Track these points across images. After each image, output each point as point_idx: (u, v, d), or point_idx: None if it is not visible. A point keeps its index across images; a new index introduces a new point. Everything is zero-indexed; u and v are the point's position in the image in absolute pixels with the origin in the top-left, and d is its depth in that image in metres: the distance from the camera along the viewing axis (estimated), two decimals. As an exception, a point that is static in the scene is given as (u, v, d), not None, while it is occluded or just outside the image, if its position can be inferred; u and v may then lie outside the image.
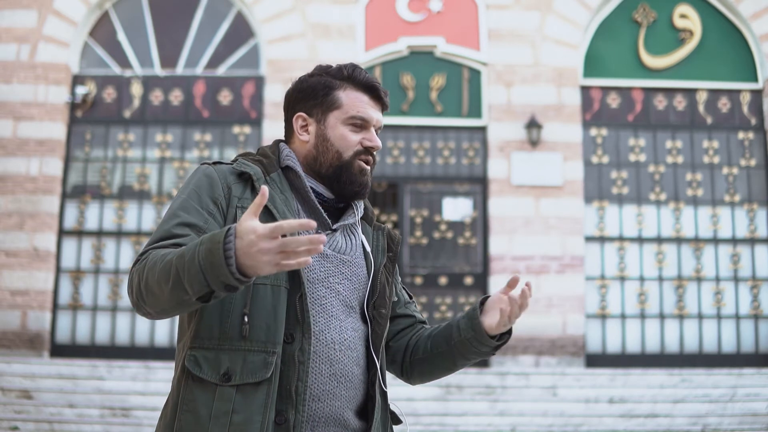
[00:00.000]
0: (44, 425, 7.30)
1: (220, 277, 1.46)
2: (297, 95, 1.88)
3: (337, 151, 1.82)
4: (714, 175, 10.17)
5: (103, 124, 10.16)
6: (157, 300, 1.59)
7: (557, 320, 9.56)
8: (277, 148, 1.88)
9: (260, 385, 1.62)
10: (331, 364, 1.70)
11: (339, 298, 1.75)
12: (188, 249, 1.52)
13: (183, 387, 1.66)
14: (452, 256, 9.98)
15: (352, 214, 1.86)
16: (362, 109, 1.85)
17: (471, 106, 10.18)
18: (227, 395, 1.61)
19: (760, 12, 10.18)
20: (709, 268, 9.94)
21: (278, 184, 1.79)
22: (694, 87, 10.26)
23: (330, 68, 1.87)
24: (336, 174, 1.81)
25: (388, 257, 1.89)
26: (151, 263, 1.59)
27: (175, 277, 1.52)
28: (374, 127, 1.89)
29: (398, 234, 1.97)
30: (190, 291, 1.51)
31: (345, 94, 1.84)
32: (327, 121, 1.83)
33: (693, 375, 8.92)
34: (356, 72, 1.85)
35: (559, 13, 10.20)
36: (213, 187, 1.72)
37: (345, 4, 10.21)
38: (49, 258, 9.61)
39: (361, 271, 1.82)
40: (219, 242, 1.46)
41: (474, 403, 8.26)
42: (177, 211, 1.69)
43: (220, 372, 1.63)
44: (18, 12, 10.03)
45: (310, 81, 1.87)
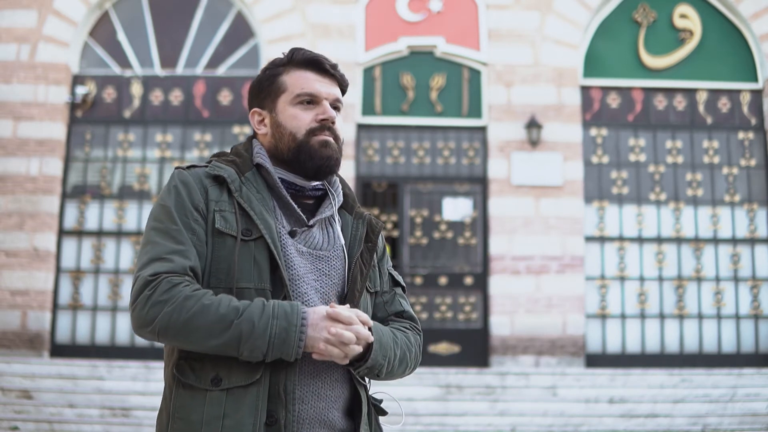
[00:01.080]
0: (44, 425, 7.30)
1: (283, 352, 1.61)
2: (250, 94, 1.90)
3: (291, 133, 1.80)
4: (714, 175, 10.17)
5: (103, 124, 10.16)
6: (188, 343, 1.63)
7: (557, 320, 9.55)
8: (250, 145, 1.88)
9: (250, 388, 1.63)
10: (314, 364, 1.70)
11: (319, 294, 1.75)
12: (256, 315, 1.60)
13: (174, 395, 1.67)
14: (452, 256, 9.98)
15: (330, 205, 1.85)
16: (307, 85, 1.82)
17: (471, 106, 10.18)
18: (217, 400, 1.62)
19: (760, 12, 10.18)
20: (709, 268, 9.94)
21: (254, 183, 1.79)
22: (694, 87, 10.26)
23: (275, 59, 1.88)
24: (296, 155, 1.80)
25: (365, 247, 1.87)
26: (185, 303, 1.60)
27: (233, 338, 1.59)
28: (327, 101, 1.83)
29: (380, 222, 1.95)
30: (245, 353, 1.60)
31: (289, 77, 1.83)
32: (277, 108, 1.83)
33: (693, 375, 8.92)
34: (296, 53, 1.83)
35: (559, 13, 10.20)
36: (192, 194, 1.73)
37: (345, 4, 10.21)
38: (49, 258, 9.61)
39: (340, 264, 1.81)
40: (295, 325, 1.61)
41: (474, 403, 8.26)
42: (167, 226, 1.70)
43: (209, 377, 1.64)
44: (18, 12, 10.03)
45: (258, 77, 1.88)
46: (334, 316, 1.63)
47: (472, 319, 9.81)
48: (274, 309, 1.61)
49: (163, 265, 1.64)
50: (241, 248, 1.69)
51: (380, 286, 1.94)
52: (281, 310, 1.62)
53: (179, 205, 1.72)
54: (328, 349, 1.62)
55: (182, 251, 1.67)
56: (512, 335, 9.55)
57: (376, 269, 1.93)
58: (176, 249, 1.67)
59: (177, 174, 1.78)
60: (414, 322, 1.95)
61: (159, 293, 1.61)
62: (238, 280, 1.68)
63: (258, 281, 1.68)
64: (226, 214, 1.72)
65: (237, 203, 1.73)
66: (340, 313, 1.64)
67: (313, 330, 1.62)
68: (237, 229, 1.70)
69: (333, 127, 1.82)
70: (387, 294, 1.95)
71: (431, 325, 9.75)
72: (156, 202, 1.77)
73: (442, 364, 9.46)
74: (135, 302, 1.64)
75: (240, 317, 1.59)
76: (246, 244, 1.70)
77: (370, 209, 10.05)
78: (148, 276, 1.63)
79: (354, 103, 10.02)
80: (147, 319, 1.62)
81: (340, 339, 1.62)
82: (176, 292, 1.61)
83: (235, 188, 1.75)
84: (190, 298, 1.61)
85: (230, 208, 1.73)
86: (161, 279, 1.63)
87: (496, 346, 9.52)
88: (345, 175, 9.83)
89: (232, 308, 1.60)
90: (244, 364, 1.63)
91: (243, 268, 1.68)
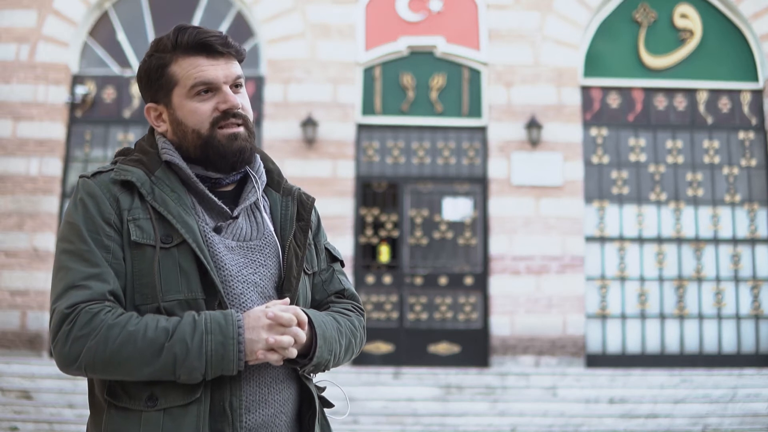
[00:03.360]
0: (44, 425, 7.29)
1: (224, 369, 1.49)
2: (140, 87, 1.70)
3: (193, 130, 1.62)
4: (714, 175, 10.16)
5: (102, 124, 10.16)
6: (119, 375, 1.49)
7: (557, 320, 9.55)
8: (154, 140, 1.69)
9: (190, 407, 1.50)
10: (258, 370, 1.58)
11: (256, 290, 1.61)
12: (188, 334, 1.47)
13: (106, 419, 1.53)
14: (452, 256, 9.97)
15: (252, 190, 1.68)
16: (199, 74, 1.61)
17: (471, 106, 10.17)
18: (154, 421, 1.49)
19: (760, 12, 10.17)
20: (709, 268, 9.93)
21: (166, 181, 1.61)
22: (695, 87, 10.25)
23: (160, 42, 1.66)
24: (204, 154, 1.63)
25: (298, 226, 1.71)
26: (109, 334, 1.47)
27: (167, 362, 1.46)
28: (226, 84, 1.63)
29: (311, 197, 1.79)
30: (182, 377, 1.47)
31: (178, 66, 1.62)
32: (173, 103, 1.64)
33: (693, 375, 8.91)
34: (180, 36, 1.62)
35: (559, 13, 10.19)
36: (101, 207, 1.56)
37: (345, 4, 10.20)
38: (49, 258, 9.60)
39: (273, 251, 1.66)
40: (232, 337, 1.48)
41: (474, 403, 8.25)
42: (78, 247, 1.53)
43: (144, 397, 1.50)
44: (18, 12, 10.03)
45: (144, 66, 1.68)
46: (274, 320, 1.51)
47: (472, 319, 9.80)
48: (206, 323, 1.48)
49: (79, 294, 1.49)
50: (163, 257, 1.54)
51: (318, 265, 1.78)
52: (214, 323, 1.48)
53: (88, 221, 1.55)
54: (266, 356, 1.50)
55: (98, 275, 1.51)
56: (512, 335, 9.54)
57: (312, 248, 1.77)
58: (91, 273, 1.51)
59: (82, 185, 1.59)
60: (355, 300, 1.80)
61: (78, 327, 1.47)
62: (166, 293, 1.52)
63: (187, 291, 1.53)
64: (141, 222, 1.56)
65: (151, 208, 1.57)
66: (280, 316, 1.51)
67: (250, 334, 1.50)
68: (155, 236, 1.54)
69: (239, 112, 1.64)
70: (325, 272, 1.79)
71: (431, 325, 9.75)
72: (63, 219, 1.59)
73: (442, 364, 9.46)
74: (55, 339, 1.48)
75: (171, 339, 1.46)
76: (167, 251, 1.54)
77: (370, 209, 10.04)
78: (65, 309, 1.48)
79: (354, 103, 10.02)
80: (71, 357, 1.48)
81: (279, 345, 1.50)
82: (97, 323, 1.46)
83: (146, 192, 1.58)
84: (113, 327, 1.47)
85: (144, 215, 1.56)
86: (79, 310, 1.48)
87: (496, 346, 9.51)
88: (345, 175, 9.83)
89: (161, 330, 1.47)
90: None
91: (168, 279, 1.53)
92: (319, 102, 9.93)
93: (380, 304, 9.72)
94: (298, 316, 1.55)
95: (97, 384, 1.58)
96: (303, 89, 9.87)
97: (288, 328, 1.52)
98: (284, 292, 1.64)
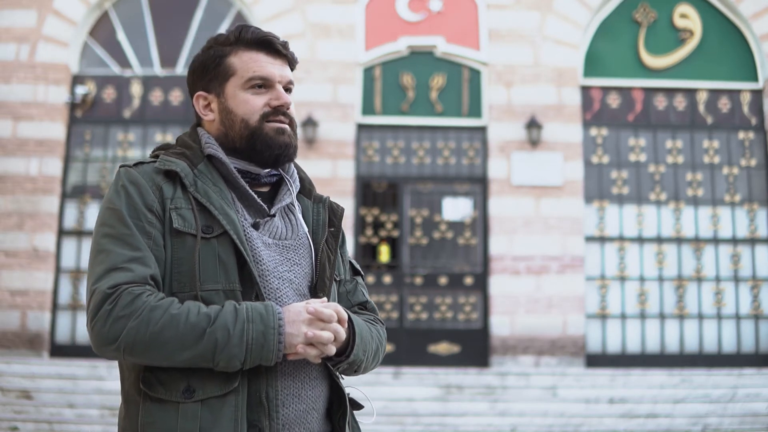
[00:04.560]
0: (44, 425, 7.30)
1: (263, 358, 1.51)
2: (192, 76, 1.75)
3: (242, 120, 1.67)
4: (714, 175, 10.16)
5: (102, 124, 10.16)
6: (157, 358, 1.49)
7: (557, 320, 9.55)
8: (196, 135, 1.73)
9: (227, 397, 1.51)
10: (292, 364, 1.59)
11: (292, 287, 1.64)
12: (229, 321, 1.48)
13: (142, 410, 1.52)
14: (452, 256, 9.97)
15: (288, 192, 1.73)
16: (258, 68, 1.68)
17: (471, 106, 10.17)
18: (192, 412, 1.49)
19: (760, 12, 10.17)
20: (709, 268, 9.94)
21: (208, 175, 1.65)
22: (695, 87, 10.25)
23: (219, 36, 1.73)
24: (250, 144, 1.67)
25: (329, 232, 1.75)
26: (151, 316, 1.48)
27: (207, 348, 1.47)
28: (280, 84, 1.70)
29: (341, 206, 1.83)
30: (220, 363, 1.48)
31: (237, 58, 1.69)
32: (226, 93, 1.69)
33: (693, 375, 8.91)
34: (244, 31, 1.69)
35: (559, 13, 10.19)
36: (144, 194, 1.58)
37: (345, 4, 10.20)
38: (49, 258, 9.60)
39: (306, 253, 1.70)
40: (272, 327, 1.50)
41: (474, 403, 8.25)
42: (120, 231, 1.55)
43: (180, 388, 1.50)
44: (17, 12, 10.02)
45: (201, 57, 1.73)
46: (315, 314, 1.54)
47: (472, 319, 9.80)
48: (248, 312, 1.50)
49: (121, 275, 1.50)
50: (203, 247, 1.56)
51: (343, 274, 1.83)
52: (256, 312, 1.51)
53: (130, 207, 1.57)
54: (306, 350, 1.53)
55: (140, 258, 1.53)
56: (512, 335, 9.54)
57: (339, 256, 1.80)
58: (133, 256, 1.52)
59: (124, 173, 1.62)
60: (376, 314, 1.85)
61: (120, 307, 1.47)
62: (204, 283, 1.54)
63: (225, 282, 1.56)
64: (183, 211, 1.59)
65: (193, 199, 1.60)
66: (321, 311, 1.54)
67: (290, 328, 1.52)
68: (196, 226, 1.57)
69: (288, 112, 1.70)
70: (349, 283, 1.84)
71: (431, 325, 9.75)
72: (103, 206, 1.61)
73: (442, 364, 9.46)
74: (94, 319, 1.49)
75: (213, 325, 1.48)
76: (207, 242, 1.57)
77: (370, 209, 10.05)
78: (107, 288, 1.49)
79: (354, 103, 10.02)
80: (110, 337, 1.48)
81: (319, 340, 1.53)
82: (139, 304, 1.47)
83: (189, 183, 1.61)
84: (155, 309, 1.48)
85: (186, 205, 1.59)
86: (121, 291, 1.48)
87: (496, 346, 9.51)
88: (345, 175, 9.83)
89: (203, 315, 1.48)
90: (219, 372, 1.51)
91: (207, 269, 1.55)
92: (319, 102, 9.93)
93: (380, 303, 9.72)
94: (339, 313, 1.58)
95: (131, 375, 1.58)
96: (303, 89, 9.87)
97: (328, 324, 1.55)
98: (318, 292, 1.68)
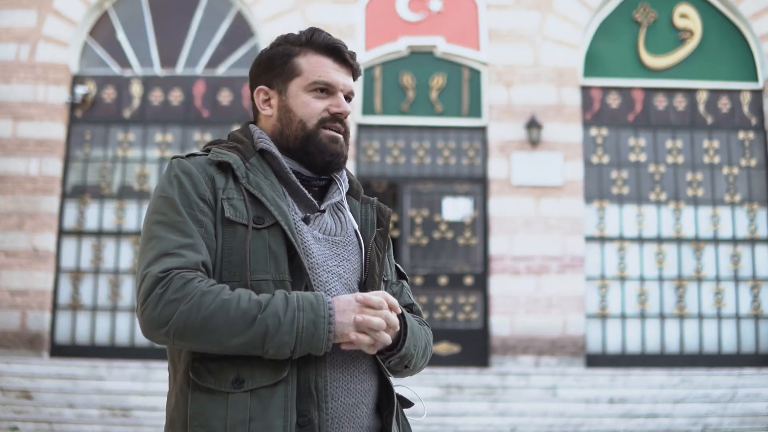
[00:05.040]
0: (44, 425, 7.29)
1: (312, 347, 1.51)
2: (257, 69, 1.77)
3: (300, 121, 1.70)
4: (714, 175, 10.16)
5: (102, 124, 10.16)
6: (206, 344, 1.50)
7: (557, 320, 9.55)
8: (248, 131, 1.76)
9: (277, 387, 1.51)
10: (342, 356, 1.60)
11: (341, 281, 1.66)
12: (280, 309, 1.49)
13: (191, 400, 1.53)
14: (452, 256, 9.98)
15: (337, 191, 1.76)
16: (324, 74, 1.70)
17: (471, 106, 10.17)
18: (242, 402, 1.50)
19: (760, 12, 10.17)
20: (709, 268, 9.94)
21: (260, 169, 1.67)
22: (695, 87, 10.25)
23: (290, 35, 1.75)
24: (303, 146, 1.70)
25: (378, 232, 1.77)
26: (203, 300, 1.48)
27: (258, 335, 1.48)
28: (341, 92, 1.72)
29: (388, 208, 1.85)
30: (270, 351, 1.49)
31: (305, 60, 1.71)
32: (288, 91, 1.71)
33: (693, 375, 8.91)
34: (316, 35, 1.72)
35: (559, 13, 10.19)
36: (196, 184, 1.61)
37: (345, 4, 10.20)
38: (49, 258, 9.60)
39: (355, 249, 1.72)
40: (323, 316, 1.51)
41: (474, 403, 8.25)
42: (173, 218, 1.58)
43: (230, 379, 1.51)
44: (17, 12, 10.02)
45: (269, 52, 1.75)
46: (364, 302, 1.54)
47: (472, 320, 9.80)
48: (298, 301, 1.51)
49: (173, 260, 1.52)
50: (254, 237, 1.57)
51: (390, 276, 1.84)
52: (306, 301, 1.52)
53: (183, 196, 1.59)
54: (358, 338, 1.53)
55: (192, 245, 1.55)
56: (512, 335, 9.54)
57: (386, 257, 1.82)
58: (185, 243, 1.55)
59: (176, 163, 1.65)
60: (422, 317, 1.86)
61: (172, 291, 1.49)
62: (254, 272, 1.56)
63: (275, 272, 1.57)
64: (235, 202, 1.60)
65: (245, 190, 1.62)
66: (369, 298, 1.55)
67: (341, 317, 1.53)
68: (248, 217, 1.59)
69: (345, 121, 1.73)
70: (395, 285, 1.86)
71: (431, 325, 9.69)
72: (154, 195, 1.64)
73: (442, 364, 9.46)
74: (145, 302, 1.50)
75: (264, 311, 1.49)
76: (258, 232, 1.58)
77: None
78: (159, 272, 1.50)
79: (354, 103, 10.02)
80: (161, 320, 1.49)
81: (369, 325, 1.53)
82: (191, 289, 1.49)
83: (241, 174, 1.64)
84: (207, 293, 1.49)
85: (238, 196, 1.61)
86: (173, 275, 1.50)
87: (496, 346, 9.51)
88: (345, 175, 9.82)
89: (254, 302, 1.49)
90: (268, 362, 1.51)
91: (258, 259, 1.57)
92: (319, 102, 9.92)
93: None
94: (388, 300, 1.59)
95: (182, 366, 1.58)
96: (303, 89, 9.85)
97: (378, 310, 1.56)
98: (368, 288, 1.69)
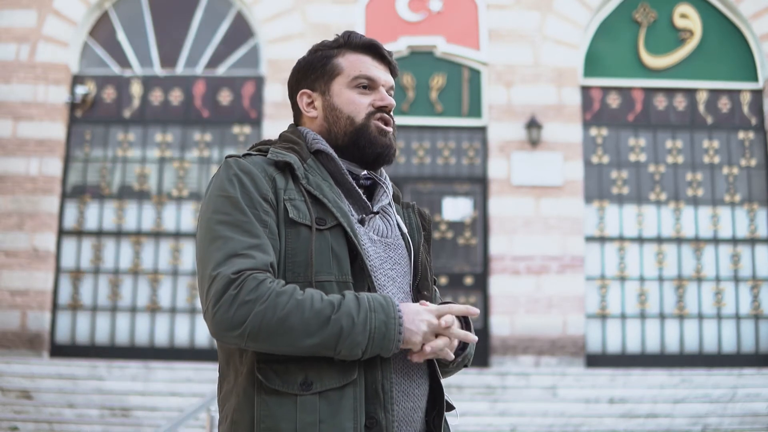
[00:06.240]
0: (44, 425, 7.30)
1: (383, 348, 1.51)
2: (297, 75, 1.81)
3: (348, 117, 1.71)
4: (714, 175, 10.16)
5: (102, 124, 10.16)
6: (280, 344, 1.49)
7: (557, 320, 9.55)
8: (299, 132, 1.76)
9: (346, 389, 1.51)
10: (403, 361, 1.60)
11: (396, 284, 1.66)
12: (353, 309, 1.49)
13: (257, 403, 1.51)
14: (452, 256, 9.97)
15: (384, 193, 1.76)
16: (365, 69, 1.73)
17: (471, 106, 10.17)
18: (311, 405, 1.49)
19: (760, 12, 10.17)
20: (709, 268, 9.94)
21: (317, 170, 1.67)
22: (695, 87, 10.25)
23: (325, 41, 1.80)
24: (353, 140, 1.71)
25: (423, 236, 1.80)
26: (278, 301, 1.48)
27: (332, 335, 1.47)
28: (383, 87, 1.75)
29: (428, 212, 1.87)
30: (342, 351, 1.49)
31: (345, 59, 1.75)
32: (332, 90, 1.74)
33: (693, 375, 8.91)
34: (352, 36, 1.76)
35: (559, 13, 10.19)
36: (258, 183, 1.59)
37: (345, 4, 10.20)
38: (49, 258, 9.60)
39: (404, 253, 1.72)
40: (393, 317, 1.52)
41: (474, 403, 8.25)
42: (238, 218, 1.55)
43: (298, 381, 1.50)
44: (17, 12, 10.02)
45: (307, 58, 1.81)
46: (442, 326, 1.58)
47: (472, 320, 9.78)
48: (369, 302, 1.51)
49: (244, 261, 1.50)
50: (317, 239, 1.57)
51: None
52: (376, 302, 1.52)
53: (245, 195, 1.57)
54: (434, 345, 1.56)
55: (260, 245, 1.53)
56: (512, 335, 9.54)
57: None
58: (253, 243, 1.53)
59: (234, 163, 1.62)
60: None
61: (246, 292, 1.47)
62: (318, 273, 1.55)
63: (339, 273, 1.57)
64: (297, 202, 1.60)
65: (306, 191, 1.61)
66: (439, 309, 1.59)
67: (409, 324, 1.53)
68: (310, 218, 1.58)
69: (391, 114, 1.75)
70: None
71: (431, 325, 9.74)
72: (212, 194, 1.60)
73: (442, 364, 9.45)
74: (217, 304, 1.48)
75: (337, 312, 1.48)
76: (321, 233, 1.58)
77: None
78: (231, 274, 1.48)
79: (354, 103, 10.00)
80: (235, 322, 1.47)
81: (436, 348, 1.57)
82: (265, 290, 1.48)
83: (301, 175, 1.63)
84: (281, 294, 1.48)
85: (299, 197, 1.61)
86: (246, 276, 1.48)
87: (496, 346, 9.51)
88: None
89: (327, 302, 1.49)
90: (336, 363, 1.51)
91: (321, 260, 1.56)
92: (319, 102, 9.92)
93: (380, 304, 9.72)
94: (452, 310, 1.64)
95: (244, 368, 1.56)
96: (303, 89, 9.85)
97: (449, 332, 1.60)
98: (421, 291, 1.72)
